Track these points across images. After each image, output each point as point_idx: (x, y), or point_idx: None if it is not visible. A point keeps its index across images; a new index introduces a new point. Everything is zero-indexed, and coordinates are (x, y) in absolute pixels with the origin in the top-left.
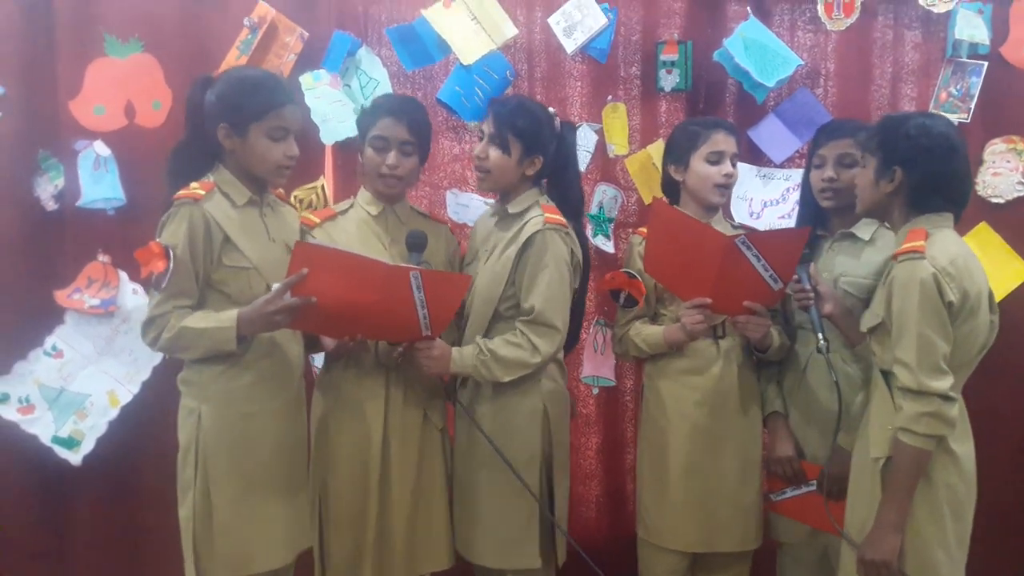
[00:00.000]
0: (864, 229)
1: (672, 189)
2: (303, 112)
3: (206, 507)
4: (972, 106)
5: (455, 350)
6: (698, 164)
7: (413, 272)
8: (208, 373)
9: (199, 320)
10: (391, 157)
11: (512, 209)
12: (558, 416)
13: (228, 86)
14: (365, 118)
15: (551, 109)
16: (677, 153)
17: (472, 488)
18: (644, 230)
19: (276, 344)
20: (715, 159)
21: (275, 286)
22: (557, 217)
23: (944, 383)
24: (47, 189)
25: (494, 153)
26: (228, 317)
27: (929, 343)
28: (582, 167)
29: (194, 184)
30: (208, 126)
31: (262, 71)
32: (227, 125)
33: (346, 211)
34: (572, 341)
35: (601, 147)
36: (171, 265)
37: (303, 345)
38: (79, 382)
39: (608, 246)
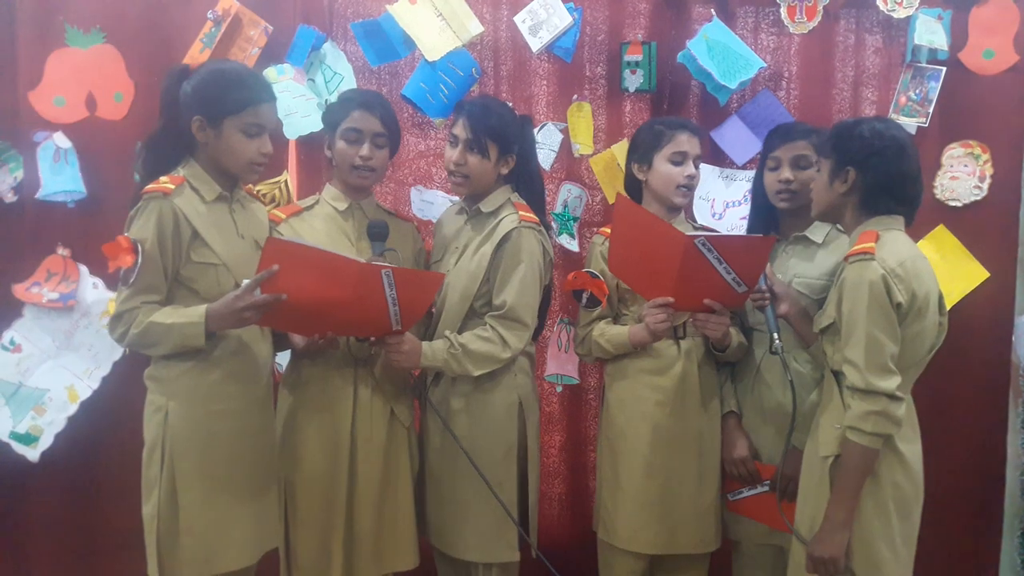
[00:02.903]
0: (817, 232)
1: (635, 187)
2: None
3: (171, 506)
4: (931, 110)
5: (425, 344)
6: (661, 164)
7: (385, 270)
8: (175, 370)
9: (167, 316)
10: (365, 149)
11: (485, 208)
12: (532, 409)
13: (206, 78)
14: (334, 112)
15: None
16: (641, 152)
17: (449, 482)
18: (606, 229)
19: (244, 342)
20: (678, 160)
21: (245, 282)
22: (531, 215)
23: (891, 383)
24: (6, 181)
25: (473, 159)
26: (197, 313)
27: (877, 343)
28: (547, 166)
29: (163, 178)
30: (182, 118)
31: (241, 66)
32: (202, 118)
33: (312, 207)
34: (537, 331)
35: (566, 146)
36: (140, 260)
37: (271, 343)
38: (37, 377)
39: (573, 245)
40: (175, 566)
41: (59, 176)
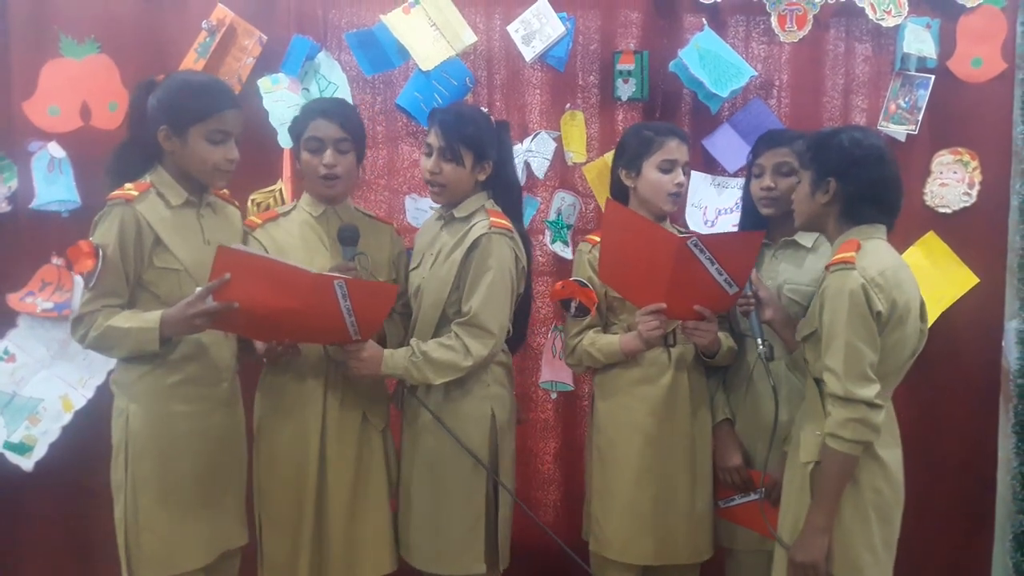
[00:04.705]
0: (806, 236)
1: (622, 194)
2: (245, 117)
3: (135, 506)
4: (920, 118)
5: (387, 352)
6: (650, 172)
7: (337, 281)
8: (135, 373)
9: (125, 320)
10: (328, 156)
11: (459, 213)
12: (504, 421)
13: (170, 89)
14: (297, 124)
15: (484, 109)
16: (629, 158)
17: (417, 493)
18: (593, 237)
19: (203, 346)
20: (667, 168)
21: (197, 290)
22: (503, 221)
23: (870, 391)
24: (0, 191)
25: (447, 167)
26: (152, 318)
27: (856, 351)
28: (540, 174)
29: (128, 185)
30: (149, 128)
31: (206, 75)
32: (167, 127)
33: (288, 213)
34: (518, 342)
35: (559, 154)
36: (100, 264)
37: (236, 346)
38: (32, 386)
39: (566, 252)
40: (140, 566)
41: (53, 186)
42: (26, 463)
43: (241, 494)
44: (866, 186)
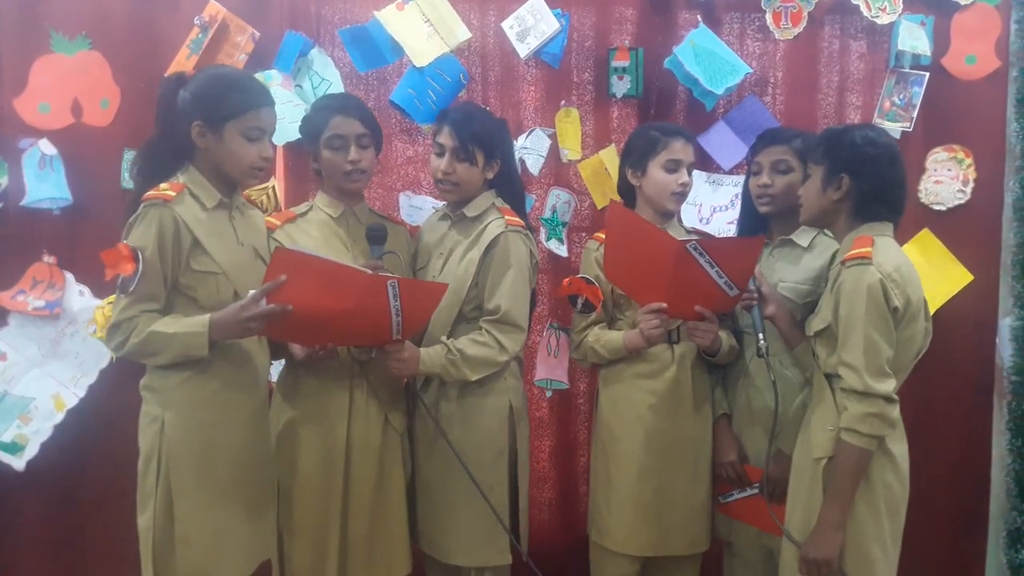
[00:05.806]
0: (803, 236)
1: (628, 192)
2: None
3: (167, 517)
4: (914, 115)
5: (423, 351)
6: (655, 171)
7: (391, 281)
8: (172, 380)
9: (169, 325)
10: (352, 153)
11: (470, 212)
12: (521, 412)
13: (205, 83)
14: (313, 123)
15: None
16: (635, 158)
17: (439, 487)
18: (600, 235)
19: (243, 351)
20: (672, 168)
21: (251, 292)
22: (516, 219)
23: (888, 385)
24: None
25: (461, 167)
26: (200, 322)
27: (875, 346)
28: (535, 171)
29: (163, 185)
30: (180, 124)
31: (239, 70)
32: (201, 123)
33: (305, 213)
34: None
35: (554, 151)
36: (140, 268)
37: (268, 352)
38: (23, 385)
39: (562, 250)
40: None
41: (44, 183)
42: (18, 463)
43: (273, 504)
44: (878, 184)
